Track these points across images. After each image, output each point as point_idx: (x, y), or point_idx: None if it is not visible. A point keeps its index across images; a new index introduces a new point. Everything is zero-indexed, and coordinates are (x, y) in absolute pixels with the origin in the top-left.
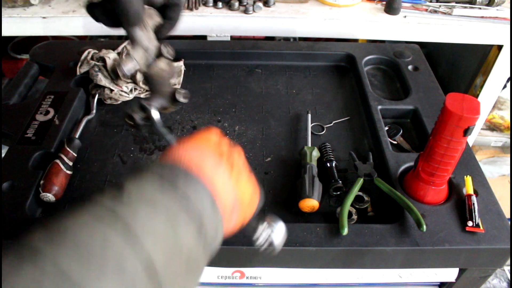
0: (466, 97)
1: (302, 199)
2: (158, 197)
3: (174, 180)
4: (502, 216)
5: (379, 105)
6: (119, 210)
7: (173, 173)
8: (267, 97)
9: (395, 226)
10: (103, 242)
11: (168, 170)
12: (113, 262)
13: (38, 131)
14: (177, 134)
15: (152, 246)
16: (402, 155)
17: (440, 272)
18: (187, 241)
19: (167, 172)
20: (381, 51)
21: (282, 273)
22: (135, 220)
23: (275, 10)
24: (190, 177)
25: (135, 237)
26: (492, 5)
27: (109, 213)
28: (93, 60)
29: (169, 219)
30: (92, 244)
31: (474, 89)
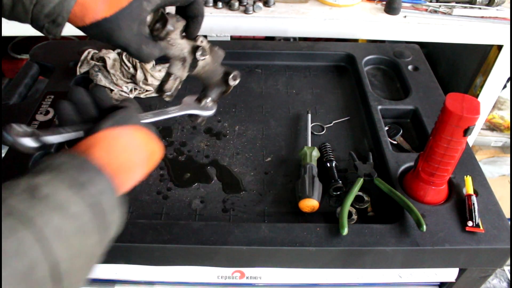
0: (466, 97)
1: (302, 199)
2: (71, 203)
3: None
4: (502, 216)
5: (379, 105)
6: (34, 217)
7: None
8: (267, 97)
9: (395, 226)
10: (17, 251)
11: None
12: (24, 269)
13: None
14: (177, 134)
15: (61, 251)
16: (402, 155)
17: (440, 272)
18: (91, 249)
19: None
20: (381, 51)
21: (282, 273)
22: (48, 227)
23: (275, 10)
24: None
25: (46, 243)
26: (492, 5)
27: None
28: (93, 60)
29: (77, 230)
30: (6, 253)
31: (474, 89)
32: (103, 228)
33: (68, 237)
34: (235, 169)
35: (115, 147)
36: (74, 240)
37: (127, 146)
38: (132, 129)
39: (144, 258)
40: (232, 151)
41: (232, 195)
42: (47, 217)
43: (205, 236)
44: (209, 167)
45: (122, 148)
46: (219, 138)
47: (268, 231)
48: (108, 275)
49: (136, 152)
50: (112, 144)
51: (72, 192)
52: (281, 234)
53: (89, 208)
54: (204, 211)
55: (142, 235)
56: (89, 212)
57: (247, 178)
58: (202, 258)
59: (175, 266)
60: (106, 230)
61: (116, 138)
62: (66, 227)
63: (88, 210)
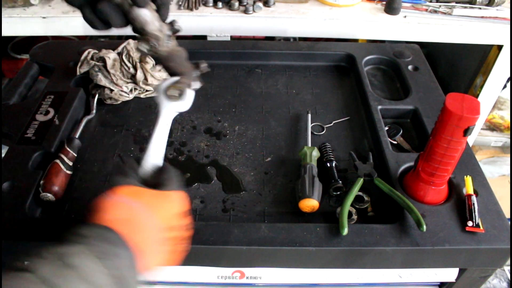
0: (466, 97)
1: (302, 199)
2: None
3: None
4: (502, 216)
5: (379, 105)
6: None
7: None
8: (267, 97)
9: (395, 226)
10: None
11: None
12: None
13: (38, 131)
14: (177, 134)
15: None
16: (402, 155)
17: (440, 272)
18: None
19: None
20: (381, 51)
21: (282, 273)
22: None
23: (275, 10)
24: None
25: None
26: (492, 5)
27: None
28: (93, 60)
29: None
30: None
31: (474, 89)
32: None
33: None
34: (235, 169)
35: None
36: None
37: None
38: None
39: None
40: (232, 151)
41: (232, 195)
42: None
43: (205, 236)
44: (209, 167)
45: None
46: (219, 138)
47: (268, 231)
48: None
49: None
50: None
51: (98, 264)
52: (281, 234)
53: (112, 279)
54: (204, 211)
55: None
56: (113, 284)
57: (247, 178)
58: (202, 258)
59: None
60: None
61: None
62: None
63: (112, 281)
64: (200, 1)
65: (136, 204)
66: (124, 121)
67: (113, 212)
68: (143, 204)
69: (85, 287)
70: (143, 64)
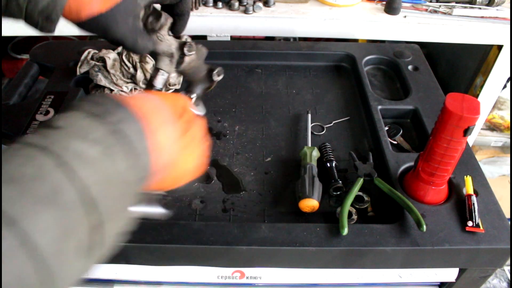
0: (466, 97)
1: (302, 199)
2: (91, 129)
3: (109, 113)
4: (502, 216)
5: (379, 105)
6: (50, 147)
7: (111, 107)
8: (267, 97)
9: (395, 226)
10: (36, 175)
11: (106, 103)
12: (48, 193)
13: None
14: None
15: (87, 175)
16: (402, 155)
17: (440, 272)
18: (122, 175)
19: (104, 106)
20: (381, 51)
21: (282, 273)
22: (67, 152)
23: (275, 10)
24: (127, 114)
25: (68, 167)
26: (492, 5)
27: (40, 151)
28: (93, 60)
29: (103, 152)
30: (25, 179)
31: (474, 89)
32: (132, 154)
33: (92, 161)
34: (235, 169)
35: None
36: (99, 164)
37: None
38: None
39: (144, 258)
40: (232, 151)
41: (232, 195)
42: (65, 143)
43: (205, 236)
44: (209, 167)
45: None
46: (219, 138)
47: (268, 231)
48: (108, 275)
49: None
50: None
51: (90, 120)
52: (281, 234)
53: (111, 135)
54: (204, 211)
55: (142, 235)
56: (111, 138)
57: (247, 178)
58: (202, 258)
59: (175, 266)
60: (136, 156)
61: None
62: (88, 151)
63: (110, 136)
64: (200, 1)
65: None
66: None
67: None
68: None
69: (78, 142)
70: (143, 64)
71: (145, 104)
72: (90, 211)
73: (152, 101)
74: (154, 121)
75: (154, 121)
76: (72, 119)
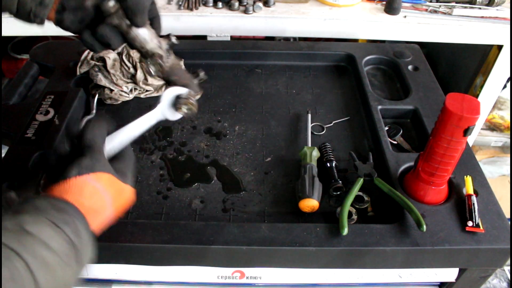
0: (466, 97)
1: (302, 199)
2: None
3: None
4: (502, 216)
5: (379, 105)
6: (23, 253)
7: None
8: (267, 97)
9: (395, 226)
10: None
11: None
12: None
13: (38, 131)
14: (177, 134)
15: (45, 281)
16: (402, 155)
17: (440, 272)
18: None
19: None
20: (381, 51)
21: (282, 273)
22: (35, 260)
23: (275, 10)
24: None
25: (34, 274)
26: (492, 5)
27: (15, 255)
28: (93, 60)
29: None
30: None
31: (474, 89)
32: (79, 261)
33: (51, 269)
34: (235, 169)
35: (83, 194)
36: (56, 272)
37: (92, 192)
38: (94, 177)
39: (144, 258)
40: (232, 151)
41: (232, 195)
42: (33, 251)
43: (205, 236)
44: (209, 167)
45: (89, 194)
46: (219, 138)
47: (268, 231)
48: (108, 275)
49: (101, 197)
50: (80, 191)
51: (52, 230)
52: (281, 234)
53: (67, 244)
54: (204, 211)
55: (142, 235)
56: (67, 248)
57: (247, 178)
58: (202, 258)
59: (175, 266)
60: (81, 263)
61: (82, 186)
62: (50, 260)
63: (67, 246)
64: (200, 1)
65: (100, 187)
66: (124, 121)
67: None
68: (106, 189)
69: (45, 252)
70: (143, 64)
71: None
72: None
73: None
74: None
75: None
76: (39, 226)
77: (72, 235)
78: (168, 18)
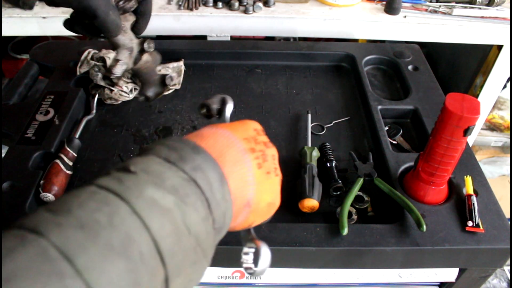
0: (466, 97)
1: (302, 199)
2: (166, 177)
3: (186, 160)
4: (502, 216)
5: (379, 105)
6: (125, 194)
7: (187, 153)
8: (267, 97)
9: (395, 226)
10: (108, 226)
11: (182, 149)
12: (118, 246)
13: (38, 131)
14: (177, 134)
15: (158, 227)
16: (402, 155)
17: (440, 272)
18: (195, 227)
19: (180, 152)
20: (381, 51)
21: (282, 273)
22: (141, 200)
23: (275, 10)
24: (206, 160)
25: (141, 217)
26: (492, 5)
27: (115, 197)
28: (93, 60)
29: (177, 203)
30: (96, 228)
31: (474, 89)
32: (208, 204)
33: (165, 212)
34: None
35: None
36: (172, 215)
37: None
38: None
39: None
40: None
41: None
42: (139, 191)
43: None
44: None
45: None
46: None
47: (268, 231)
48: None
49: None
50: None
51: (165, 167)
52: (281, 234)
53: (186, 183)
54: None
55: None
56: (186, 187)
57: None
58: None
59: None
60: (212, 206)
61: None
62: (161, 201)
63: (186, 185)
64: (200, 1)
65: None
66: (124, 121)
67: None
68: (222, 126)
69: (155, 191)
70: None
71: (217, 142)
72: (158, 266)
73: (224, 137)
74: (229, 161)
75: (229, 161)
76: (147, 164)
77: (193, 172)
78: (168, 18)
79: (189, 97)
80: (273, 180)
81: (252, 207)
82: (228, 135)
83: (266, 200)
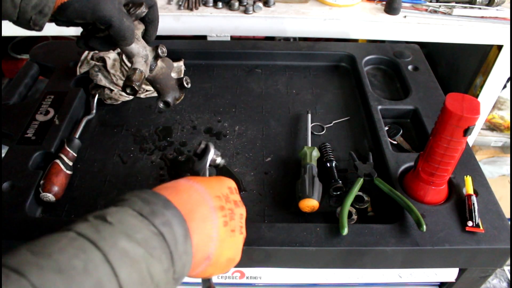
0: (466, 97)
1: (302, 199)
2: (138, 229)
3: (156, 214)
4: (502, 216)
5: (379, 105)
6: (100, 243)
7: (158, 207)
8: (267, 97)
9: (395, 226)
10: (83, 272)
11: (154, 203)
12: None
13: (38, 131)
14: (177, 134)
15: (126, 276)
16: (402, 155)
17: (440, 272)
18: (157, 276)
19: (152, 206)
20: (381, 51)
21: (282, 273)
22: (114, 250)
23: (275, 10)
24: (174, 215)
25: (112, 266)
26: (492, 5)
27: (91, 245)
28: (93, 60)
29: (144, 255)
30: (72, 273)
31: (474, 89)
32: (171, 257)
33: (133, 262)
34: (235, 169)
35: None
36: (139, 266)
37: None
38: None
39: None
40: (232, 151)
41: None
42: (113, 241)
43: None
44: (209, 167)
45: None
46: (219, 138)
47: (268, 231)
48: None
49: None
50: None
51: (137, 220)
52: (281, 234)
53: (155, 236)
54: None
55: None
56: (154, 240)
57: (247, 178)
58: None
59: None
60: (175, 259)
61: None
62: (131, 251)
63: (154, 238)
64: (200, 1)
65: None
66: (124, 121)
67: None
68: (198, 181)
69: (126, 243)
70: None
71: (191, 198)
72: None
73: (198, 193)
74: (198, 218)
75: (197, 218)
76: (122, 216)
77: (161, 227)
78: (168, 18)
79: (189, 97)
80: (236, 238)
81: (212, 261)
82: (201, 191)
83: (226, 255)
